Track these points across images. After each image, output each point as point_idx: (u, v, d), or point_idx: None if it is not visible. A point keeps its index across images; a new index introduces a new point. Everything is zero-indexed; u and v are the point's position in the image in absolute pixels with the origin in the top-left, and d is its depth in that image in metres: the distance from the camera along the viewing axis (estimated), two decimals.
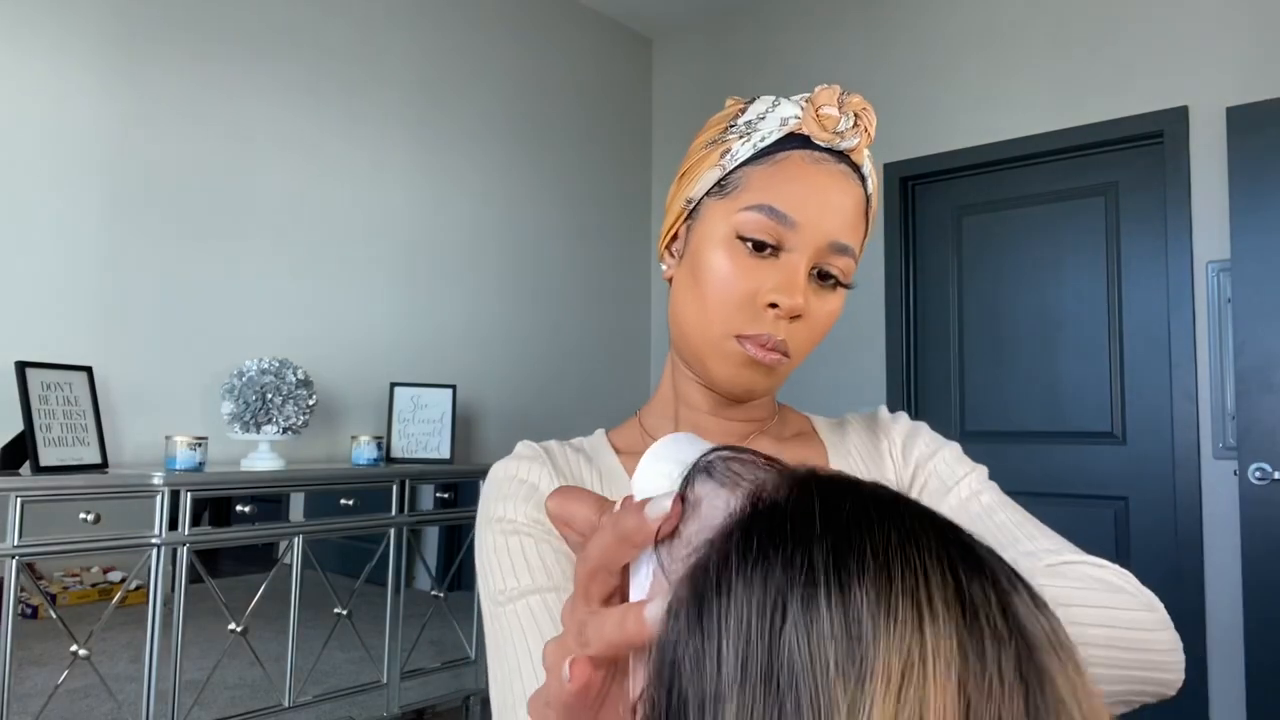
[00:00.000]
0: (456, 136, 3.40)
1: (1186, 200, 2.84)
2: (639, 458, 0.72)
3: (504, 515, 0.68)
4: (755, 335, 0.65)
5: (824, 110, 0.66)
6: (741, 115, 0.70)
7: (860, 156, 0.68)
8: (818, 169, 0.66)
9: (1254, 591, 2.54)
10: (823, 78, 3.67)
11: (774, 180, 0.66)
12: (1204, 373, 2.80)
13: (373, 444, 2.76)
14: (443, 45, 3.36)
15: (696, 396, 0.73)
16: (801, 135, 0.67)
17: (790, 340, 0.66)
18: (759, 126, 0.68)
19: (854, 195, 0.67)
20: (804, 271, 0.65)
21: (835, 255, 0.66)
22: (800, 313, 0.65)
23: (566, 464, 0.72)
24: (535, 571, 0.65)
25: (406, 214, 3.22)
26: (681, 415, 0.74)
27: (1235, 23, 2.79)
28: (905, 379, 3.41)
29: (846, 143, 0.66)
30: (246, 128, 2.79)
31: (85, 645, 2.00)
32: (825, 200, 0.65)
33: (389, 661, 2.61)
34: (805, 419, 0.80)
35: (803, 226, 0.65)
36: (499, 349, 3.49)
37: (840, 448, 0.76)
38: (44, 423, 2.16)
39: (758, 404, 0.74)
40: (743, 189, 0.67)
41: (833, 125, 0.66)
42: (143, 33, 2.57)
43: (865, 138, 0.67)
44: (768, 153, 0.67)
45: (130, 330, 2.51)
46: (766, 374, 0.67)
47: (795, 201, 0.65)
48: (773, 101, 0.69)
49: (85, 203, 2.44)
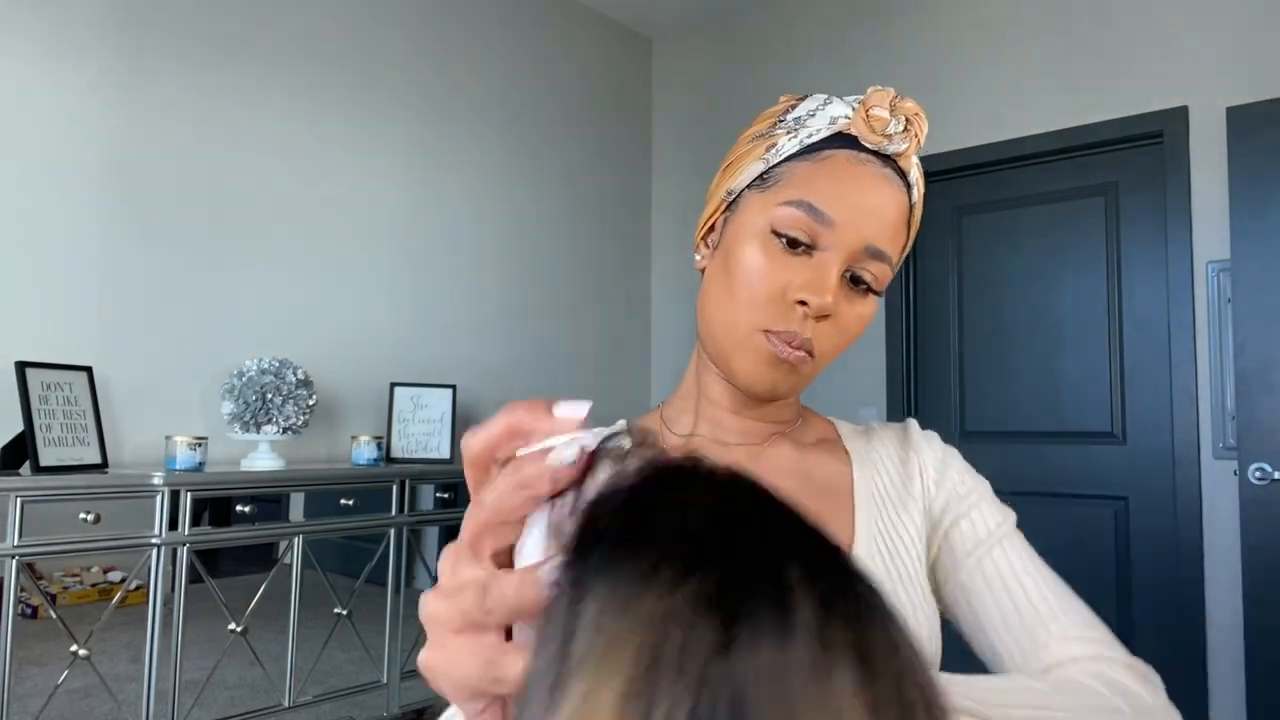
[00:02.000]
0: (456, 137, 3.39)
1: (1186, 200, 2.84)
2: None
3: None
4: (781, 332, 0.64)
5: (874, 111, 0.65)
6: (791, 111, 0.69)
7: (908, 163, 0.67)
8: (862, 170, 0.65)
9: (1254, 591, 2.54)
10: (822, 77, 3.67)
11: (815, 177, 0.64)
12: (1204, 373, 2.80)
13: (373, 444, 2.76)
14: (443, 46, 3.36)
15: (718, 392, 0.72)
16: (850, 135, 0.65)
17: (817, 341, 0.65)
18: (807, 123, 0.67)
19: (897, 201, 0.66)
20: (836, 272, 0.63)
21: (870, 260, 0.65)
22: (829, 313, 0.64)
23: None
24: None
25: (407, 214, 3.22)
26: (702, 410, 0.73)
27: (1235, 23, 2.79)
28: (905, 379, 3.41)
29: (894, 146, 0.65)
30: (246, 128, 2.79)
31: (85, 645, 2.00)
32: (866, 202, 0.64)
33: (389, 661, 2.61)
34: (829, 424, 0.79)
35: (840, 226, 0.63)
36: (499, 349, 3.49)
37: (865, 457, 0.75)
38: (44, 423, 2.16)
39: (780, 405, 0.73)
40: (784, 184, 0.65)
41: (882, 128, 0.64)
42: (143, 34, 2.57)
43: (915, 143, 0.66)
44: (813, 150, 0.65)
45: (130, 330, 2.51)
46: (789, 372, 0.66)
47: (834, 200, 0.63)
48: (824, 100, 0.68)
49: (85, 203, 2.44)
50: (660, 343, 4.15)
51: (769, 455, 0.72)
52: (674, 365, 4.08)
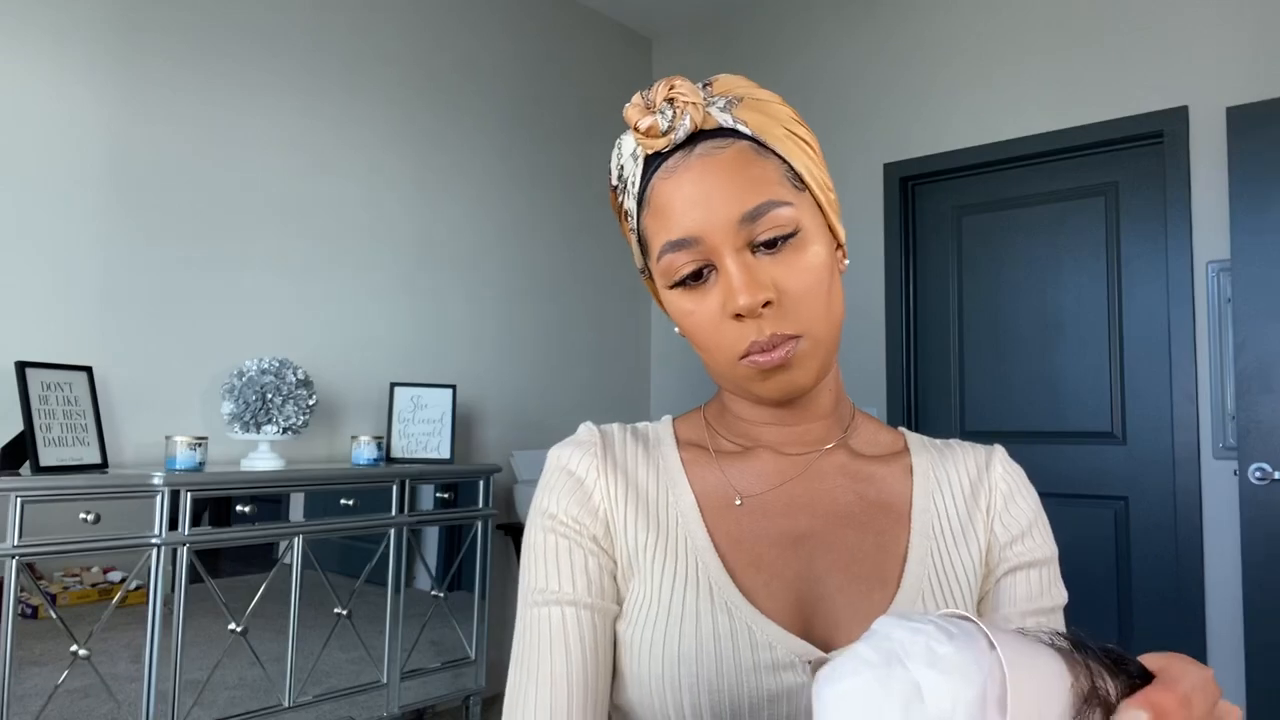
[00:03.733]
0: (456, 136, 3.39)
1: (1186, 200, 2.84)
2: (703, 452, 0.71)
3: (548, 509, 0.68)
4: (749, 347, 0.63)
5: (641, 124, 0.63)
6: (612, 175, 0.70)
7: (713, 121, 0.64)
8: (680, 174, 0.63)
9: (1254, 591, 2.54)
10: (822, 77, 3.67)
11: (657, 217, 0.64)
12: (1204, 373, 2.80)
13: (373, 444, 2.76)
14: (443, 46, 3.36)
15: (749, 411, 0.71)
16: (653, 154, 0.65)
17: (785, 323, 0.62)
18: (625, 174, 0.67)
19: (730, 159, 0.63)
20: (738, 266, 0.61)
21: (755, 222, 0.61)
22: (768, 299, 0.61)
23: (623, 454, 0.71)
24: (569, 578, 0.65)
25: (406, 214, 3.22)
26: (740, 430, 0.72)
27: (1235, 23, 2.79)
28: (905, 379, 3.41)
29: (681, 131, 0.63)
30: (246, 128, 2.79)
31: (85, 645, 2.00)
32: (702, 192, 0.62)
33: (389, 661, 2.61)
34: (899, 436, 0.75)
35: (703, 233, 0.62)
36: (499, 349, 3.49)
37: (931, 478, 0.71)
38: (44, 423, 2.16)
39: (816, 403, 0.70)
40: (649, 241, 0.66)
41: (657, 130, 0.63)
42: (143, 33, 2.57)
43: (694, 110, 0.63)
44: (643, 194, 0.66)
45: (130, 330, 2.51)
46: (794, 369, 0.64)
47: (681, 218, 0.62)
48: (617, 145, 0.68)
49: (85, 203, 2.44)
50: (659, 342, 4.15)
51: (822, 464, 0.70)
52: (672, 364, 4.08)
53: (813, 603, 0.64)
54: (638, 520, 0.68)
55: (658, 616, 0.64)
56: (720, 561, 0.65)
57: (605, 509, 0.68)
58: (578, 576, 0.66)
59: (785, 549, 0.66)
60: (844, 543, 0.66)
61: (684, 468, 0.71)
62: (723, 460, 0.71)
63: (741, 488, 0.69)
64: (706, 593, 0.64)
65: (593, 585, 0.65)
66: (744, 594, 0.64)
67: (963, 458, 0.73)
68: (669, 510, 0.68)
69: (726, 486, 0.69)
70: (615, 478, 0.69)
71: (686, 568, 0.65)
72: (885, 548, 0.67)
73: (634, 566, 0.67)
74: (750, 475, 0.69)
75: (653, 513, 0.68)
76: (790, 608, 0.64)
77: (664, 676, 0.62)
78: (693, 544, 0.66)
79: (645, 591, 0.65)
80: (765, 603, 0.63)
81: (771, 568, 0.65)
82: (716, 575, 0.64)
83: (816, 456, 0.70)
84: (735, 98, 0.66)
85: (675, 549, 0.66)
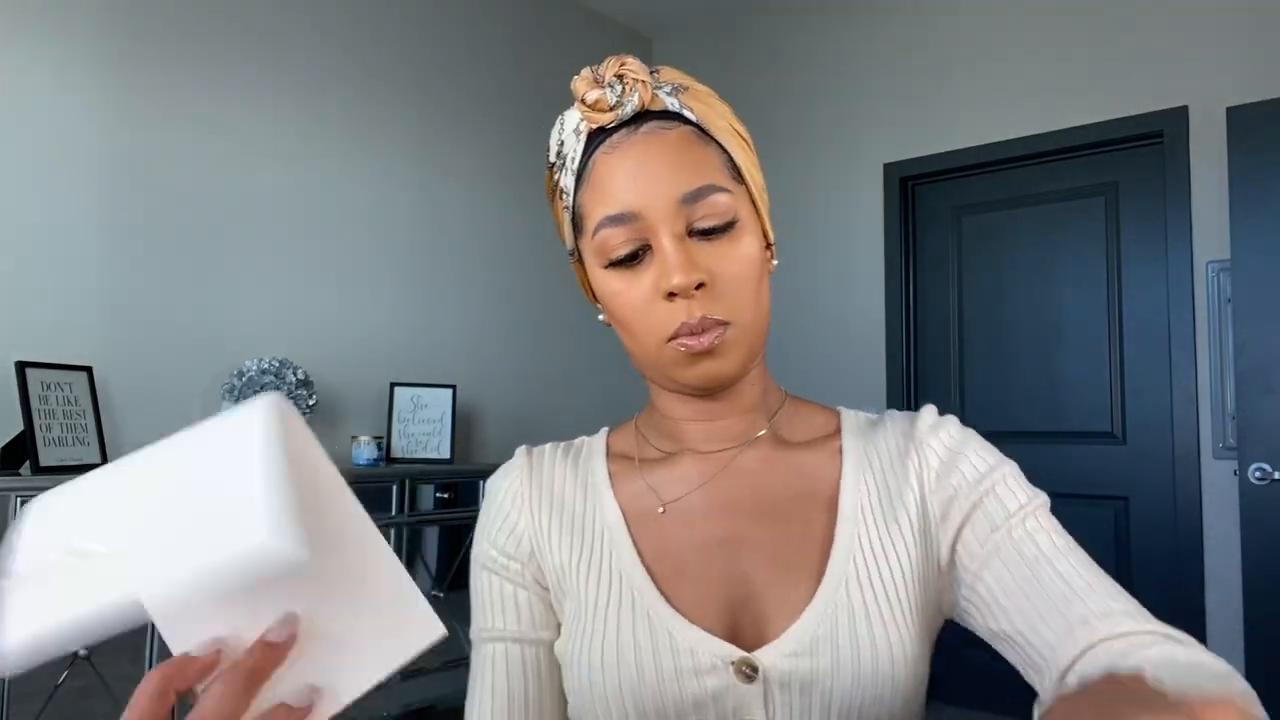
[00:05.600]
0: (456, 136, 3.40)
1: (1186, 200, 2.85)
2: (630, 466, 0.72)
3: (481, 546, 0.72)
4: (679, 328, 0.62)
5: (589, 97, 0.64)
6: (550, 153, 0.70)
7: (659, 104, 0.64)
8: (624, 150, 0.63)
9: (1254, 591, 2.54)
10: (822, 77, 3.67)
11: (596, 191, 0.64)
12: (1204, 373, 2.80)
13: (373, 444, 2.76)
14: (442, 45, 3.36)
15: (676, 407, 0.70)
16: (595, 131, 0.65)
17: (715, 308, 0.62)
18: (565, 151, 0.67)
19: (675, 141, 0.63)
20: (675, 246, 0.61)
21: (696, 205, 0.62)
22: (701, 280, 0.61)
23: (551, 474, 0.73)
24: (502, 615, 0.69)
25: (406, 214, 3.22)
26: (669, 430, 0.72)
27: (1235, 23, 2.79)
28: (905, 379, 3.41)
29: (629, 106, 0.63)
30: (246, 128, 2.79)
31: (85, 645, 2.00)
32: (645, 170, 0.62)
33: None
34: (834, 417, 0.73)
35: (642, 209, 0.62)
36: (499, 349, 3.49)
37: (862, 456, 0.69)
38: (44, 423, 2.16)
39: (740, 396, 0.69)
40: (586, 217, 0.65)
41: (605, 104, 0.63)
42: (142, 33, 2.57)
43: (643, 88, 0.63)
44: (584, 167, 0.65)
45: (130, 330, 2.51)
46: (720, 357, 0.63)
47: (622, 193, 0.62)
48: (559, 122, 0.68)
49: (85, 203, 2.44)
50: None
51: (745, 459, 0.69)
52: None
53: (740, 603, 0.64)
54: (564, 539, 0.69)
55: (584, 631, 0.65)
56: (645, 571, 0.66)
57: (531, 535, 0.70)
58: (509, 612, 0.68)
59: (709, 552, 0.66)
60: (769, 538, 0.66)
61: (610, 480, 0.71)
62: (646, 469, 0.71)
63: (664, 495, 0.69)
64: (629, 604, 0.65)
65: (523, 618, 0.68)
66: (669, 601, 0.64)
67: (890, 430, 0.70)
68: (595, 524, 0.69)
69: (650, 495, 0.69)
70: (541, 501, 0.71)
71: (612, 580, 0.66)
72: (810, 537, 0.66)
73: (564, 586, 0.68)
74: (672, 481, 0.69)
75: (579, 529, 0.69)
76: (718, 611, 0.64)
77: (593, 689, 0.63)
78: (618, 556, 0.67)
79: (576, 608, 0.67)
80: (691, 609, 0.64)
81: (696, 572, 0.66)
82: (640, 585, 0.65)
83: (737, 452, 0.69)
84: (681, 86, 0.66)
85: (601, 563, 0.67)
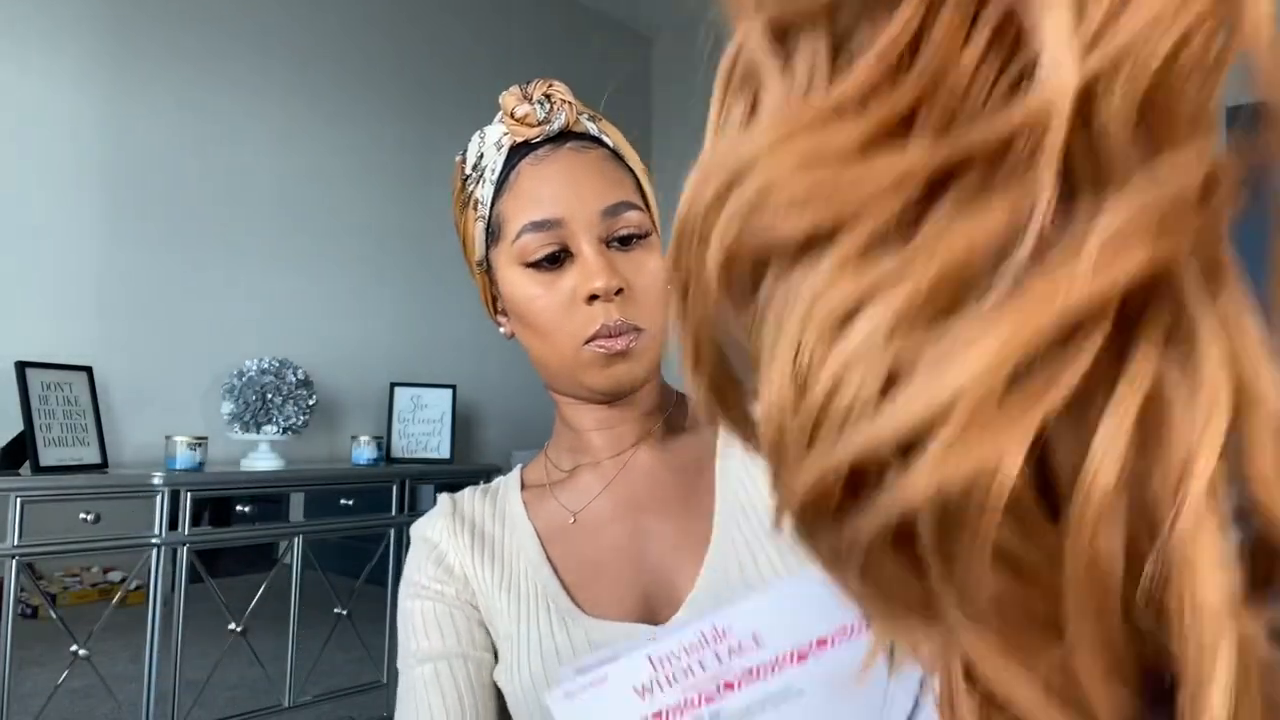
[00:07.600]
0: (456, 136, 3.38)
1: None
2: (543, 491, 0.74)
3: (411, 577, 0.73)
4: (597, 330, 0.65)
5: (517, 112, 0.68)
6: (465, 165, 0.72)
7: (581, 125, 0.70)
8: (549, 163, 0.67)
9: None
10: None
11: (520, 199, 0.68)
12: None
13: (373, 444, 2.76)
14: (441, 45, 3.37)
15: (581, 418, 0.74)
16: (519, 145, 0.69)
17: (631, 313, 0.66)
18: (483, 163, 0.70)
19: (595, 161, 0.68)
20: (596, 252, 0.66)
21: (615, 218, 0.67)
22: (620, 286, 0.65)
23: (472, 512, 0.75)
24: (438, 634, 0.70)
25: (407, 214, 3.22)
26: (573, 444, 0.75)
27: None
28: None
29: (555, 124, 0.68)
30: (246, 127, 2.79)
31: (85, 645, 2.00)
32: (570, 181, 0.66)
33: (389, 661, 2.61)
34: None
35: (567, 217, 0.66)
36: (499, 349, 3.49)
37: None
38: (44, 423, 2.16)
39: (641, 402, 0.73)
40: (505, 224, 0.69)
41: (532, 119, 0.68)
42: (142, 33, 2.57)
43: (569, 108, 0.69)
44: (505, 179, 0.69)
45: (130, 330, 2.51)
46: (632, 360, 0.67)
47: (546, 201, 0.66)
48: (480, 135, 0.71)
49: (85, 202, 2.44)
50: None
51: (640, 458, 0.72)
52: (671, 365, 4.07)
53: (656, 594, 0.67)
54: (487, 567, 0.71)
55: (514, 647, 0.67)
56: (558, 580, 0.68)
57: (460, 565, 0.72)
58: (446, 631, 0.70)
59: (620, 551, 0.69)
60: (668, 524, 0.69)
61: (525, 507, 0.74)
62: (557, 489, 0.74)
63: (573, 507, 0.72)
64: (547, 612, 0.67)
65: (461, 636, 0.69)
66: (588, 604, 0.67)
67: None
68: (512, 548, 0.72)
69: (562, 511, 0.73)
70: (465, 535, 0.73)
71: (531, 596, 0.68)
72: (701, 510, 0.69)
73: (492, 612, 0.70)
74: (578, 493, 0.73)
75: (499, 556, 0.72)
76: (634, 603, 0.66)
77: (525, 702, 0.65)
78: (534, 571, 0.69)
79: (503, 630, 0.69)
80: (608, 607, 0.66)
81: (610, 573, 0.68)
82: (555, 594, 0.67)
83: (633, 453, 0.72)
84: (595, 115, 0.72)
85: (519, 582, 0.70)
